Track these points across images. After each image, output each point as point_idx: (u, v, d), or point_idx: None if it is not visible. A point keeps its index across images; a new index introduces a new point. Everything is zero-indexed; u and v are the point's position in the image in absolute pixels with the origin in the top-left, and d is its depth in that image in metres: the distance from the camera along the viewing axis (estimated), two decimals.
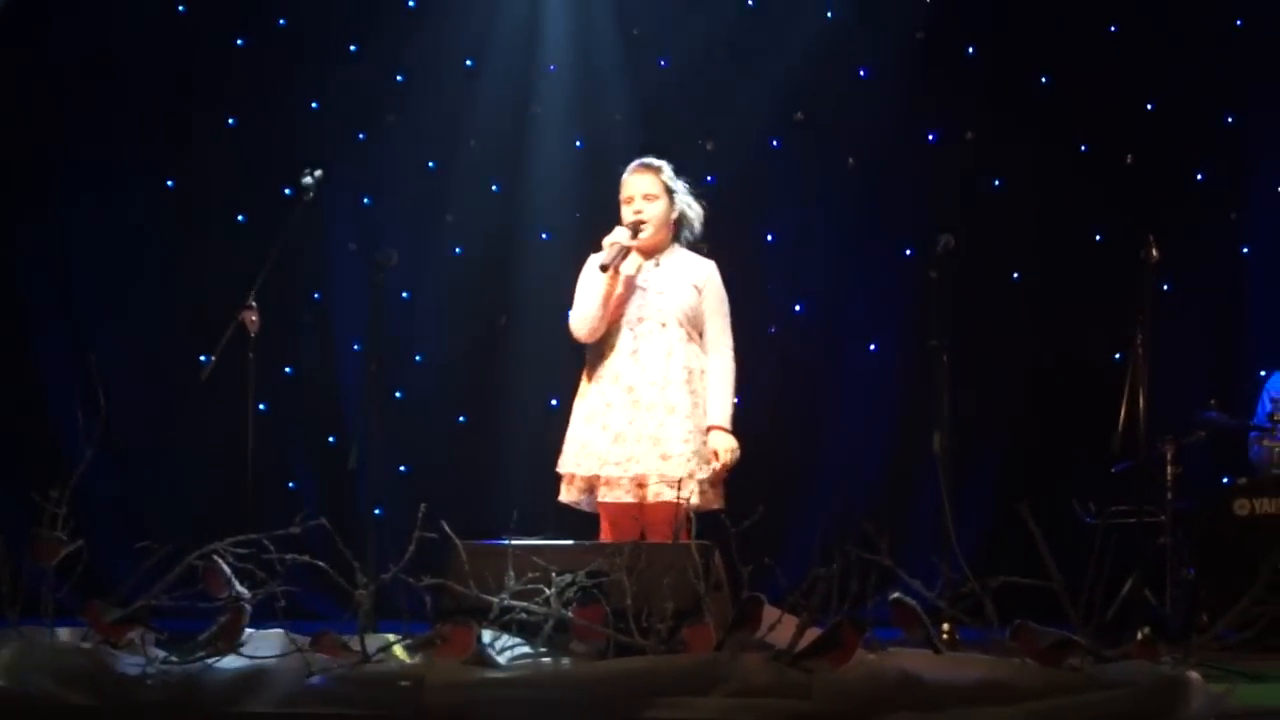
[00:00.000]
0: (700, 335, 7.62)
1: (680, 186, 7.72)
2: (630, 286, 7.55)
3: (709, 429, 7.46)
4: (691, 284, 7.62)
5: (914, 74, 11.24)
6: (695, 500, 7.25)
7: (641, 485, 7.36)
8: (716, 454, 7.41)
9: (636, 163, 7.74)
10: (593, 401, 7.55)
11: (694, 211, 7.75)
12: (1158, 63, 10.86)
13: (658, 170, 7.69)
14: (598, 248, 7.58)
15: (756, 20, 11.47)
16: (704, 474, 7.38)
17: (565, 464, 7.56)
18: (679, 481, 7.23)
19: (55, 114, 11.49)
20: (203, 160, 11.47)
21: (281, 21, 11.63)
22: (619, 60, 11.62)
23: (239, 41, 11.61)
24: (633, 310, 7.55)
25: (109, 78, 11.49)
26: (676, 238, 7.74)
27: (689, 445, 7.38)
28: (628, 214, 7.60)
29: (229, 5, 11.53)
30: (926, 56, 11.24)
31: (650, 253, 7.65)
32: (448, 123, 11.64)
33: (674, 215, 7.70)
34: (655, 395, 7.43)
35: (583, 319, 7.57)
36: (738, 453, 7.47)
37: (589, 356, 7.63)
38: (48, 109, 11.47)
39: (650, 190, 7.63)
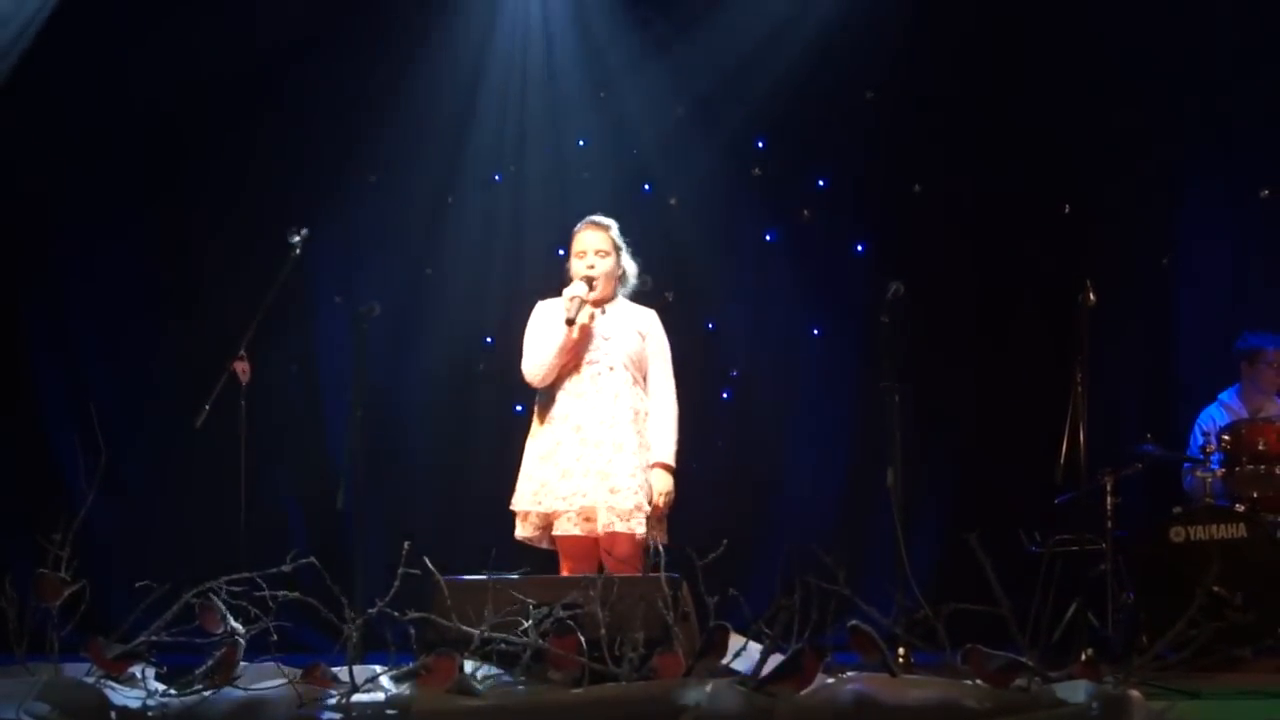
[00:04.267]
0: (644, 379, 7.75)
1: (623, 244, 7.93)
2: (586, 335, 7.70)
3: (652, 466, 7.57)
4: (636, 330, 7.82)
5: (864, 129, 11.27)
6: (641, 532, 7.34)
7: (589, 519, 7.47)
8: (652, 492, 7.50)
9: (588, 220, 7.97)
10: (544, 441, 7.68)
11: (632, 267, 7.99)
12: (1097, 112, 10.89)
13: (608, 228, 7.93)
14: (544, 296, 7.71)
15: (718, 66, 11.48)
16: (649, 508, 7.47)
17: (519, 502, 7.69)
18: (628, 513, 7.32)
19: (53, 169, 11.48)
20: (196, 215, 11.48)
21: (267, 84, 11.61)
22: (590, 116, 11.66)
23: (230, 97, 11.59)
24: (582, 355, 7.65)
25: (105, 132, 11.49)
26: (618, 289, 7.92)
27: (635, 479, 7.50)
28: (580, 267, 7.82)
29: (219, 70, 11.52)
30: (876, 113, 11.27)
31: (598, 303, 7.82)
32: (427, 181, 11.66)
33: (619, 270, 7.86)
34: (604, 433, 7.56)
35: (538, 366, 7.75)
36: (672, 495, 7.60)
37: (540, 399, 7.79)
38: (46, 164, 11.45)
39: (601, 246, 7.85)
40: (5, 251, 11.59)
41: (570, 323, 7.58)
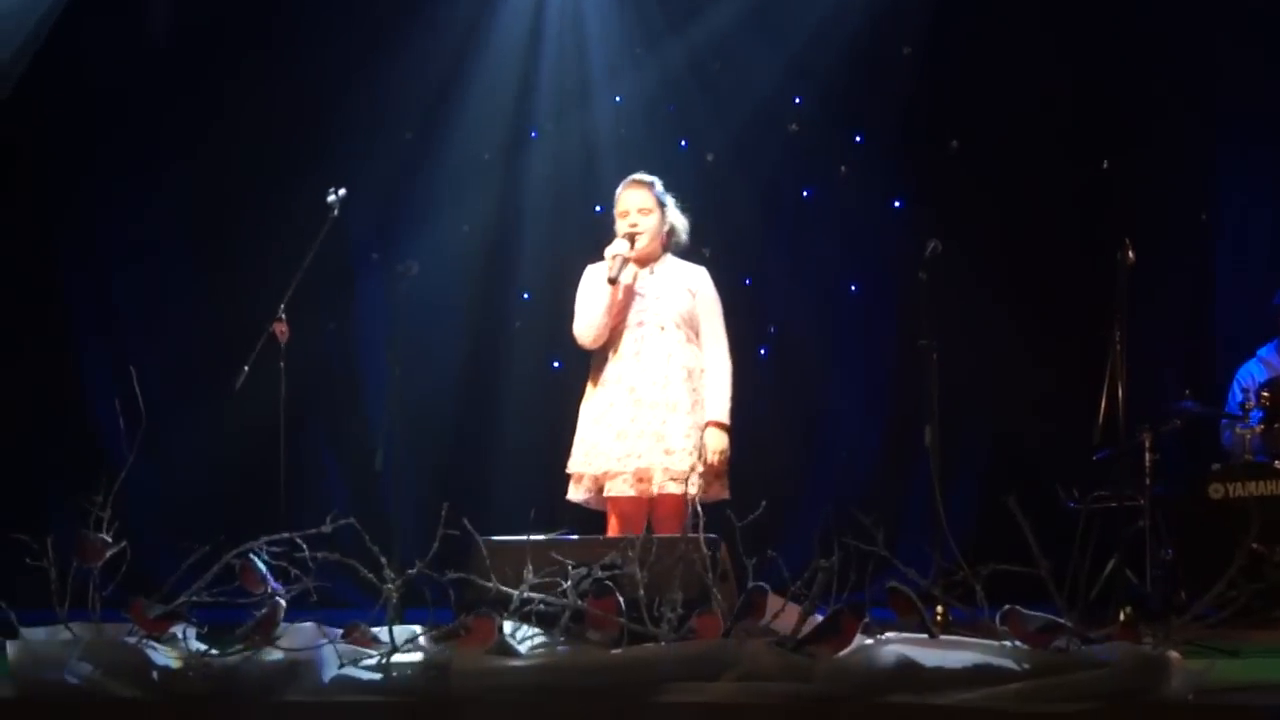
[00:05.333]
0: (697, 336, 7.69)
1: (669, 200, 7.84)
2: (630, 294, 7.65)
3: (706, 425, 7.53)
4: (686, 288, 7.75)
5: (902, 86, 11.23)
6: (696, 492, 7.30)
7: (644, 480, 7.44)
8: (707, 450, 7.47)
9: (630, 178, 7.92)
10: (598, 404, 7.65)
11: (681, 223, 7.91)
12: (1135, 69, 10.84)
13: (650, 185, 7.87)
14: (596, 259, 7.63)
15: (754, 22, 11.44)
16: (703, 468, 7.44)
17: (574, 464, 7.67)
18: (683, 474, 7.31)
19: (91, 134, 11.52)
20: (233, 176, 11.50)
21: (303, 43, 11.61)
22: (627, 74, 11.62)
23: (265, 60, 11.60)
24: (633, 316, 7.67)
25: (142, 98, 11.52)
26: (667, 247, 7.85)
27: (690, 440, 7.47)
28: (623, 226, 7.77)
29: (256, 26, 11.52)
30: (914, 69, 11.23)
31: (645, 262, 7.78)
32: (464, 138, 11.66)
33: (665, 227, 7.81)
34: (657, 394, 7.52)
35: (587, 327, 7.70)
36: (727, 452, 7.56)
37: (593, 362, 7.74)
38: (83, 129, 11.49)
39: (644, 204, 7.79)
40: (45, 217, 11.65)
41: (613, 281, 7.55)
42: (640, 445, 7.47)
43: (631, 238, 7.69)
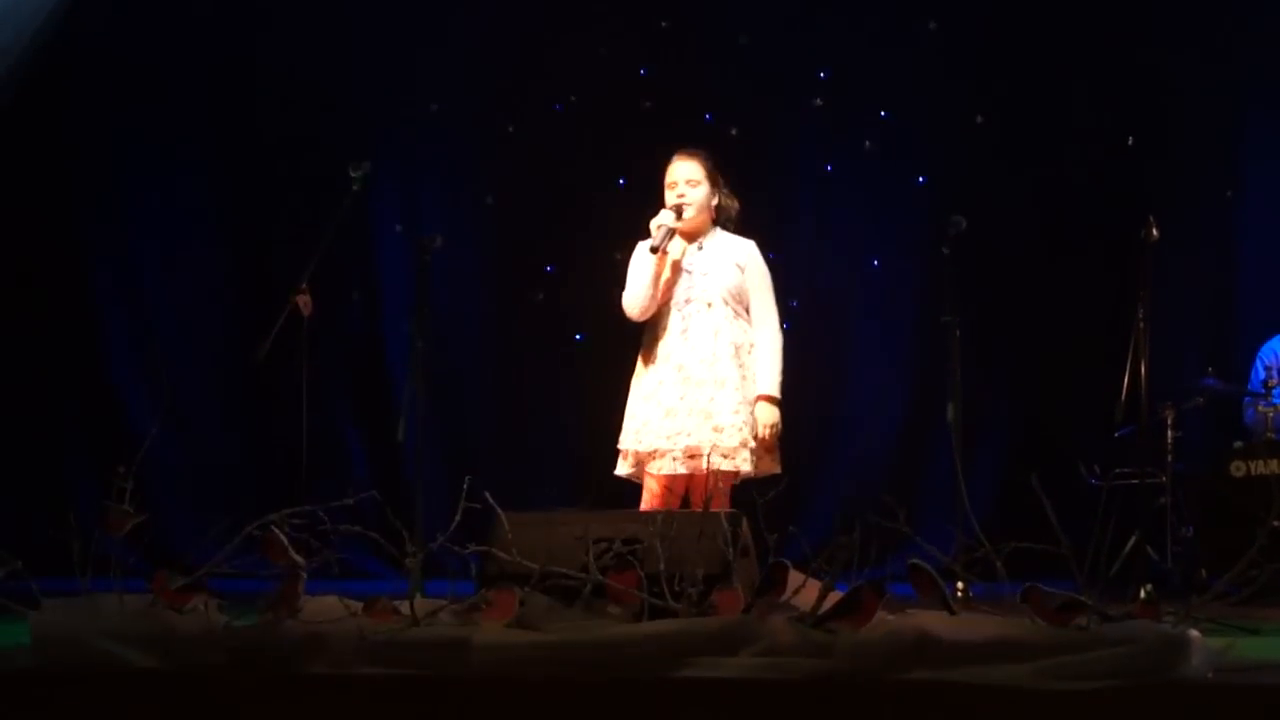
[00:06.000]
0: (746, 311, 7.67)
1: (721, 177, 7.78)
2: (677, 268, 7.61)
3: (757, 399, 7.53)
4: (734, 263, 7.68)
5: (927, 61, 11.21)
6: (749, 468, 7.34)
7: (694, 457, 7.42)
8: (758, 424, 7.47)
9: (681, 150, 7.80)
10: (647, 381, 7.62)
11: (733, 202, 7.84)
12: (1160, 47, 10.81)
13: (701, 157, 7.76)
14: (644, 234, 7.62)
15: (777, 7, 11.41)
16: (754, 443, 7.45)
17: (625, 440, 7.64)
18: (733, 451, 7.36)
19: (116, 107, 11.54)
20: (257, 148, 11.53)
21: (328, 15, 11.61)
22: (651, 46, 11.60)
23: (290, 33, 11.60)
24: (680, 292, 7.61)
25: (167, 68, 11.54)
26: (717, 221, 7.78)
27: (739, 416, 7.45)
28: (671, 198, 7.66)
29: (281, 2, 11.53)
30: (939, 44, 11.20)
31: (693, 236, 7.70)
32: (488, 110, 11.66)
33: (714, 201, 7.74)
34: (705, 372, 7.49)
35: (635, 299, 7.65)
36: (778, 426, 7.54)
37: (643, 339, 7.70)
38: (108, 104, 11.52)
39: (692, 175, 7.68)
40: (69, 190, 11.67)
41: (654, 250, 7.50)
42: (689, 423, 7.44)
43: (679, 209, 7.60)
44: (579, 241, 10.97)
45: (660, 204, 7.65)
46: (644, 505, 7.50)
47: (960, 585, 6.58)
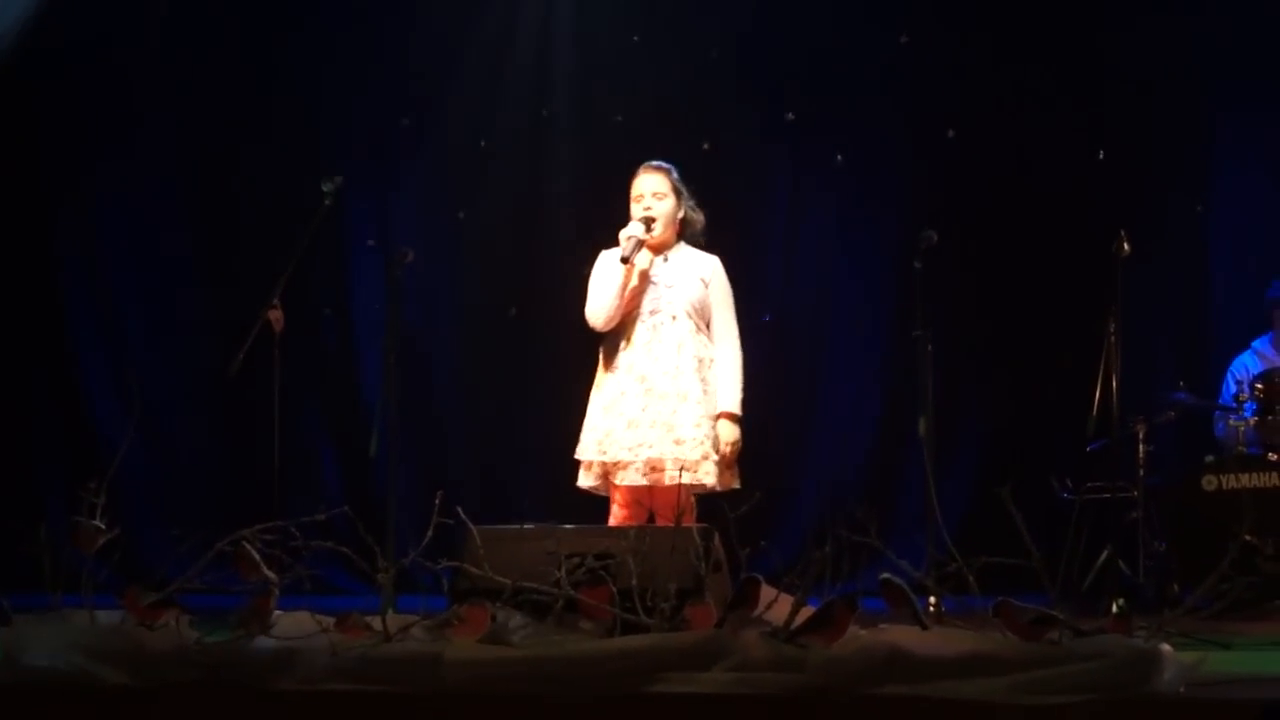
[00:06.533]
0: (708, 326, 7.69)
1: (684, 188, 7.81)
2: (643, 279, 7.65)
3: (718, 416, 7.54)
4: (699, 277, 7.73)
5: (898, 75, 11.22)
6: (711, 481, 7.36)
7: (655, 469, 7.44)
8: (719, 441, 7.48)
9: (646, 163, 7.86)
10: (609, 391, 7.65)
11: (698, 215, 7.85)
12: (1131, 61, 10.83)
13: (667, 171, 7.84)
14: (609, 244, 7.63)
15: (751, 9, 11.41)
16: (716, 457, 7.47)
17: (584, 451, 7.66)
18: (695, 464, 7.36)
19: (86, 118, 11.53)
20: (229, 162, 11.52)
21: (300, 28, 11.61)
22: (624, 61, 11.58)
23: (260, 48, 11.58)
24: (645, 304, 7.66)
25: (137, 81, 11.52)
26: (682, 236, 7.83)
27: (701, 430, 7.49)
28: (638, 211, 7.73)
29: (251, 15, 11.51)
30: (910, 58, 11.21)
31: (659, 249, 7.77)
32: (460, 124, 11.66)
33: (680, 214, 7.79)
34: (668, 384, 7.52)
35: (600, 309, 7.68)
36: (739, 443, 7.59)
37: (604, 349, 7.72)
38: (79, 111, 11.50)
39: (659, 189, 7.76)
40: (38, 202, 11.65)
41: (625, 260, 7.54)
42: (651, 435, 7.48)
43: (648, 221, 7.66)
44: (551, 256, 10.95)
45: (627, 217, 7.68)
46: (612, 519, 7.52)
47: (932, 600, 6.58)
